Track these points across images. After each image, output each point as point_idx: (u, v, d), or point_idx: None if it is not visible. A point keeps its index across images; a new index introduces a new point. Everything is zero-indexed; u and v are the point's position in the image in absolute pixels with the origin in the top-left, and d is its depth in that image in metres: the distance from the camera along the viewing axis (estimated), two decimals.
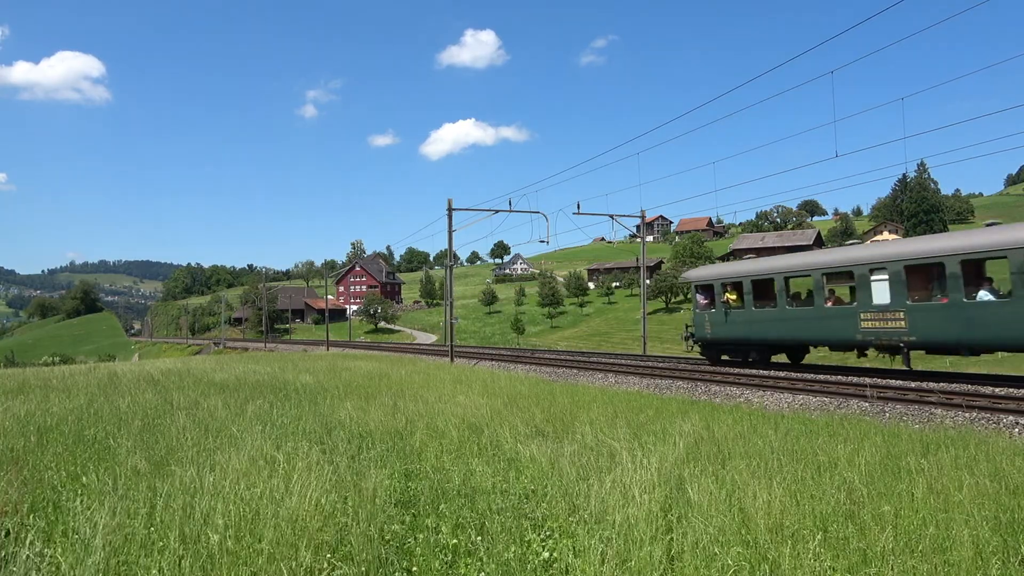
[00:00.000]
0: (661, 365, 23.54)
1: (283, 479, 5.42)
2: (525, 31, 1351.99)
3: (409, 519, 5.10)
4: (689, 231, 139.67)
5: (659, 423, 9.26)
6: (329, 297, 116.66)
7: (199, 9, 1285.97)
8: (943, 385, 14.39)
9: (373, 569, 4.10)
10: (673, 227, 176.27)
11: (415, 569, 4.15)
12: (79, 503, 4.90)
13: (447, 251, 35.68)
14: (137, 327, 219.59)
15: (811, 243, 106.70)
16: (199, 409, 10.55)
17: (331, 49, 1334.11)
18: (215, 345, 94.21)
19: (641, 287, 37.97)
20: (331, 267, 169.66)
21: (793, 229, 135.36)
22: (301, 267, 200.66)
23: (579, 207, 33.10)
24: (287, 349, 60.28)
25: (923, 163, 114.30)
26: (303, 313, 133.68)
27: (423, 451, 7.51)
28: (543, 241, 34.56)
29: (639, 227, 40.02)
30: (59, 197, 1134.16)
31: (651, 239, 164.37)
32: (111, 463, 6.45)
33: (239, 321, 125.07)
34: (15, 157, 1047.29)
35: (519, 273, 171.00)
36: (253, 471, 5.75)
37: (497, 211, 33.12)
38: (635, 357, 29.83)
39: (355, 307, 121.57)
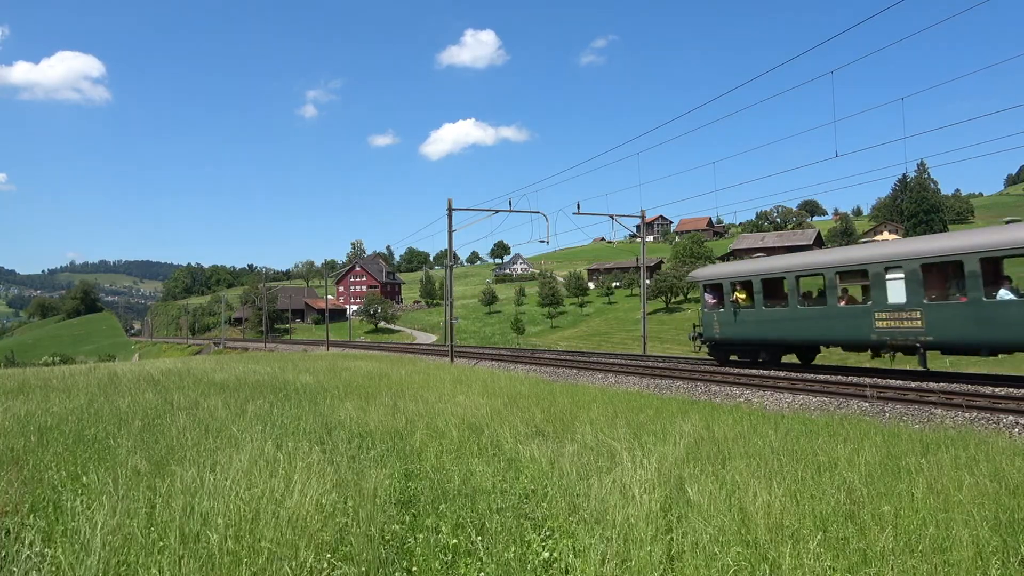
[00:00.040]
0: (661, 365, 23.53)
1: (283, 479, 5.42)
2: (525, 31, 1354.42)
3: (409, 519, 5.10)
4: (689, 231, 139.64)
5: (659, 423, 9.26)
6: (329, 297, 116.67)
7: (199, 9, 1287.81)
8: (943, 385, 14.39)
9: (373, 569, 4.11)
10: (673, 227, 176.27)
11: (415, 569, 4.15)
12: (79, 503, 4.90)
13: (447, 251, 35.68)
14: (137, 327, 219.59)
15: (811, 243, 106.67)
16: (199, 409, 10.55)
17: (331, 49, 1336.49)
18: (215, 345, 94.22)
19: (641, 287, 37.97)
20: (331, 267, 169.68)
21: (793, 229, 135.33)
22: (301, 267, 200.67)
23: (579, 207, 33.15)
24: (287, 349, 60.29)
25: (923, 163, 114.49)
26: (303, 313, 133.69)
27: (423, 451, 7.51)
28: (543, 241, 34.61)
29: (639, 227, 40.03)
30: (59, 197, 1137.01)
31: (651, 239, 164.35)
32: (111, 463, 6.44)
33: (239, 321, 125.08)
34: (15, 157, 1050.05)
35: (519, 273, 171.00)
36: (253, 471, 5.75)
37: (497, 211, 33.17)
38: (635, 357, 29.84)
39: (355, 307, 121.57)
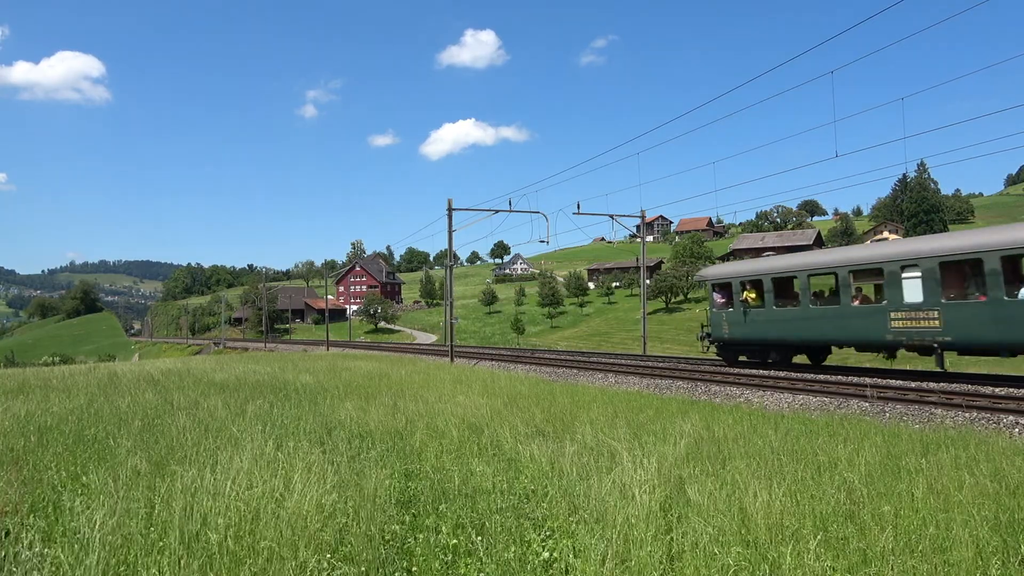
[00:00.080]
0: (661, 365, 23.53)
1: (283, 479, 5.42)
2: (525, 31, 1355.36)
3: (409, 519, 5.10)
4: (689, 231, 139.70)
5: (659, 423, 9.26)
6: (329, 297, 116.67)
7: (199, 9, 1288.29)
8: (943, 385, 14.39)
9: (373, 569, 4.11)
10: (673, 227, 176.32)
11: (415, 569, 4.15)
12: (79, 503, 4.90)
13: (447, 251, 35.68)
14: (137, 327, 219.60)
15: (811, 243, 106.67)
16: (199, 409, 10.54)
17: (331, 49, 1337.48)
18: (215, 345, 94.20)
19: (641, 287, 37.97)
20: (331, 267, 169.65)
21: (793, 229, 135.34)
22: (301, 267, 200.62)
23: (579, 207, 33.15)
24: (287, 349, 60.28)
25: (923, 163, 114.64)
26: (303, 313, 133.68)
27: (423, 451, 7.51)
28: (543, 241, 34.60)
29: (639, 227, 40.03)
30: (59, 197, 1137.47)
31: (651, 239, 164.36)
32: (111, 463, 6.44)
33: (239, 321, 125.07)
34: (15, 157, 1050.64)
35: (519, 273, 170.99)
36: (253, 471, 5.74)
37: (497, 211, 33.16)
38: (635, 357, 29.84)
39: (355, 307, 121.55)
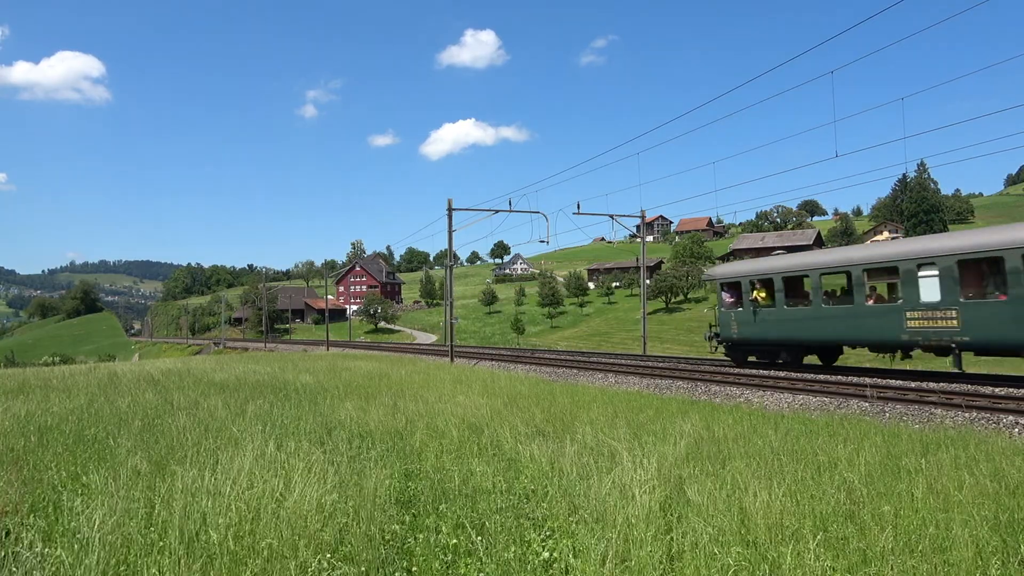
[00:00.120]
0: (661, 365, 23.53)
1: (283, 479, 5.42)
2: (525, 31, 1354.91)
3: (409, 519, 5.10)
4: (689, 231, 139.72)
5: (659, 423, 9.26)
6: (329, 297, 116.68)
7: (199, 9, 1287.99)
8: (943, 385, 14.39)
9: (373, 569, 4.11)
10: (673, 227, 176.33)
11: (415, 569, 4.15)
12: (79, 503, 4.90)
13: (447, 251, 35.68)
14: (137, 327, 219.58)
15: (811, 243, 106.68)
16: (199, 409, 10.55)
17: (331, 49, 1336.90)
18: (215, 345, 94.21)
19: (641, 287, 37.98)
20: (331, 267, 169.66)
21: (793, 229, 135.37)
22: (301, 267, 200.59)
23: (579, 207, 33.15)
24: (287, 349, 60.29)
25: (923, 163, 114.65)
26: (303, 313, 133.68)
27: (423, 451, 7.51)
28: (543, 241, 34.60)
29: (639, 227, 40.03)
30: (59, 197, 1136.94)
31: (651, 239, 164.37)
32: (111, 463, 6.44)
33: (239, 321, 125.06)
34: (15, 157, 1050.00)
35: (519, 273, 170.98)
36: (254, 471, 5.75)
37: (497, 211, 33.17)
38: (635, 357, 29.84)
39: (355, 307, 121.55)
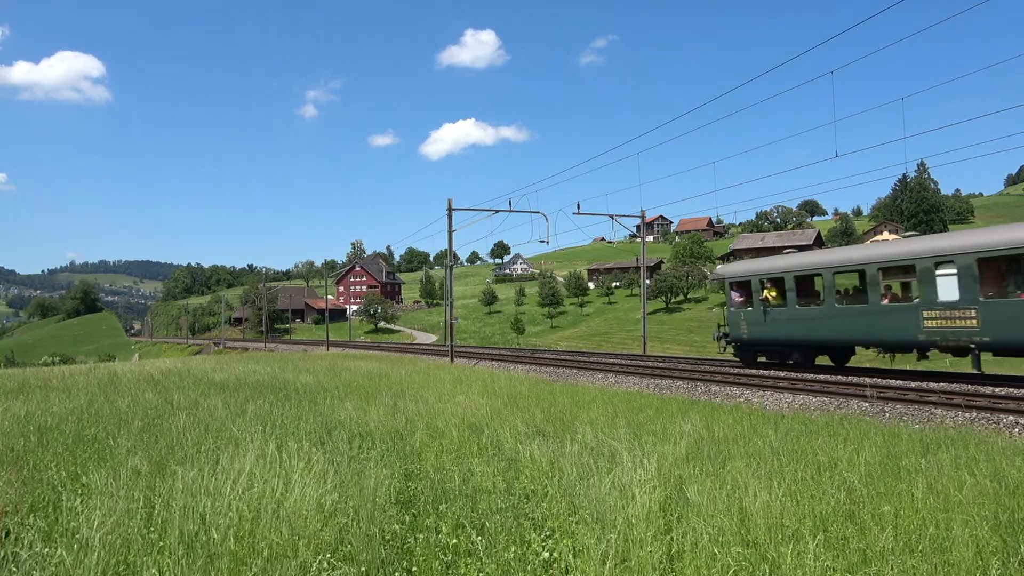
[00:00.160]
0: (661, 365, 23.53)
1: (283, 479, 5.42)
2: (525, 31, 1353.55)
3: (409, 519, 5.10)
4: (689, 231, 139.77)
5: (659, 423, 9.26)
6: (329, 297, 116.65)
7: (199, 9, 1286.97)
8: (943, 385, 14.39)
9: (373, 569, 4.11)
10: (673, 227, 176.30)
11: (415, 569, 4.15)
12: (79, 503, 4.90)
13: (447, 251, 35.68)
14: (137, 327, 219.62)
15: (811, 243, 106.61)
16: (199, 409, 10.55)
17: (331, 49, 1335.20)
18: (215, 345, 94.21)
19: (641, 287, 37.98)
20: (331, 267, 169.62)
21: (793, 229, 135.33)
22: (301, 267, 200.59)
23: (579, 207, 33.16)
24: (287, 349, 60.29)
25: (923, 163, 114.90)
26: (303, 313, 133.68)
27: (423, 451, 7.51)
28: (543, 241, 34.64)
29: (639, 227, 40.03)
30: (59, 197, 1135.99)
31: (651, 239, 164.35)
32: (111, 463, 6.44)
33: (239, 321, 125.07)
34: (15, 157, 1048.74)
35: (519, 273, 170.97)
36: (254, 471, 5.75)
37: (497, 211, 33.18)
38: (635, 357, 29.85)
39: (355, 307, 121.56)
